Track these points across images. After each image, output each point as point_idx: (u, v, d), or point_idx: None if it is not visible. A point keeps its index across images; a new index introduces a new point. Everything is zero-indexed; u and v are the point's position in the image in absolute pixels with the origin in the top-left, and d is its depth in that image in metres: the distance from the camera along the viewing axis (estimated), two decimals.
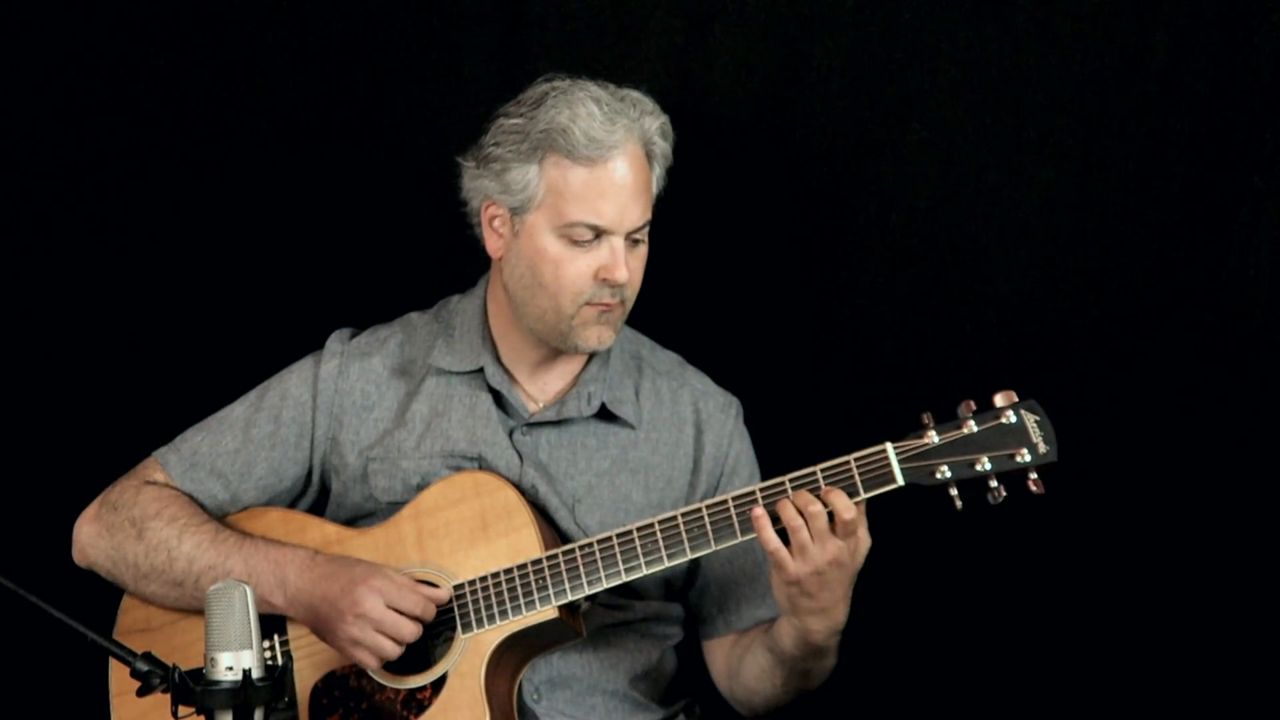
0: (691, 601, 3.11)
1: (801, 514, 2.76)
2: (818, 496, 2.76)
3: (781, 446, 3.02)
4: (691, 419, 3.10)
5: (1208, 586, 3.32)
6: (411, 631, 2.86)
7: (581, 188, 2.90)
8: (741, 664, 3.03)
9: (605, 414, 3.06)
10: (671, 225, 3.05)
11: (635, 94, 2.96)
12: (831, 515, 2.76)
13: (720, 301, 3.49)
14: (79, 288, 3.63)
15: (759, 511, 2.78)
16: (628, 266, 2.93)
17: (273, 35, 3.57)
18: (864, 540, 2.79)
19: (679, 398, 3.11)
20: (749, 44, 3.44)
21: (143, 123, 3.59)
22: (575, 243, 2.92)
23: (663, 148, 2.97)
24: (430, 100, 3.56)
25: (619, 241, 2.92)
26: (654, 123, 2.95)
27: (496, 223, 2.99)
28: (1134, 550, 3.35)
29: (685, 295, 3.38)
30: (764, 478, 2.96)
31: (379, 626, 2.85)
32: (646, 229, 2.98)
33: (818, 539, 2.76)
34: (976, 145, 3.37)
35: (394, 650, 2.86)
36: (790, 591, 2.81)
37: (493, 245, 3.01)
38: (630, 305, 3.00)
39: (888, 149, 3.41)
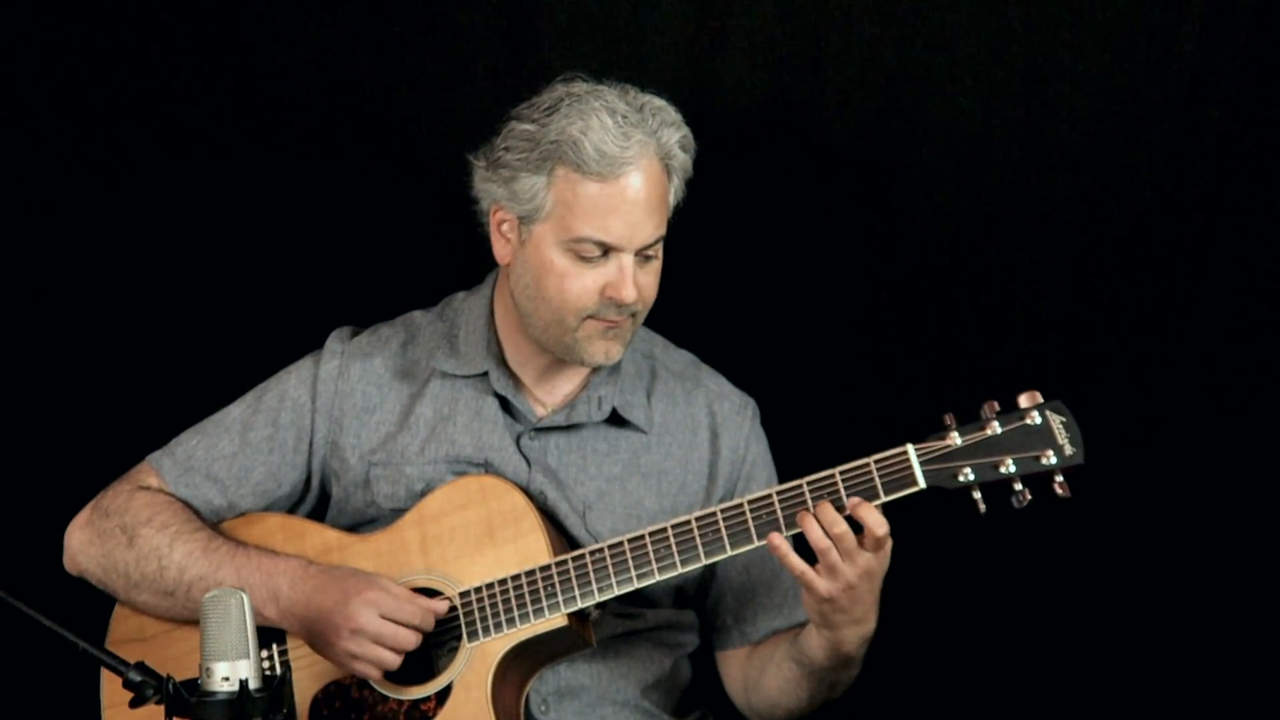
0: (706, 611, 3.07)
1: (828, 534, 2.70)
2: (840, 509, 2.71)
3: (800, 448, 2.99)
4: (706, 422, 3.06)
5: (1237, 592, 3.30)
6: (411, 640, 2.83)
7: (591, 203, 2.84)
8: (763, 676, 2.98)
9: (616, 418, 3.01)
10: (686, 224, 3.00)
11: (657, 102, 2.89)
12: (857, 528, 2.71)
13: (736, 300, 3.47)
14: (72, 285, 3.62)
15: (777, 540, 2.73)
16: (637, 284, 2.87)
17: (273, 28, 3.55)
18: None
19: (693, 400, 3.07)
20: (763, 37, 3.42)
21: (138, 117, 3.57)
22: (582, 258, 2.86)
23: (682, 160, 2.91)
24: (435, 93, 3.54)
25: (628, 259, 2.86)
26: (673, 135, 2.88)
27: (505, 227, 2.94)
28: (1162, 555, 3.34)
29: (700, 295, 3.35)
30: (782, 480, 2.93)
31: (377, 639, 2.82)
32: (660, 244, 2.91)
33: (847, 557, 2.71)
34: (1000, 139, 3.35)
35: (394, 660, 2.83)
36: (824, 609, 2.76)
37: (500, 250, 2.97)
38: (642, 319, 2.96)
39: (907, 145, 3.39)
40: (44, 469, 3.56)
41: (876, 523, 2.69)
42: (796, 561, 2.72)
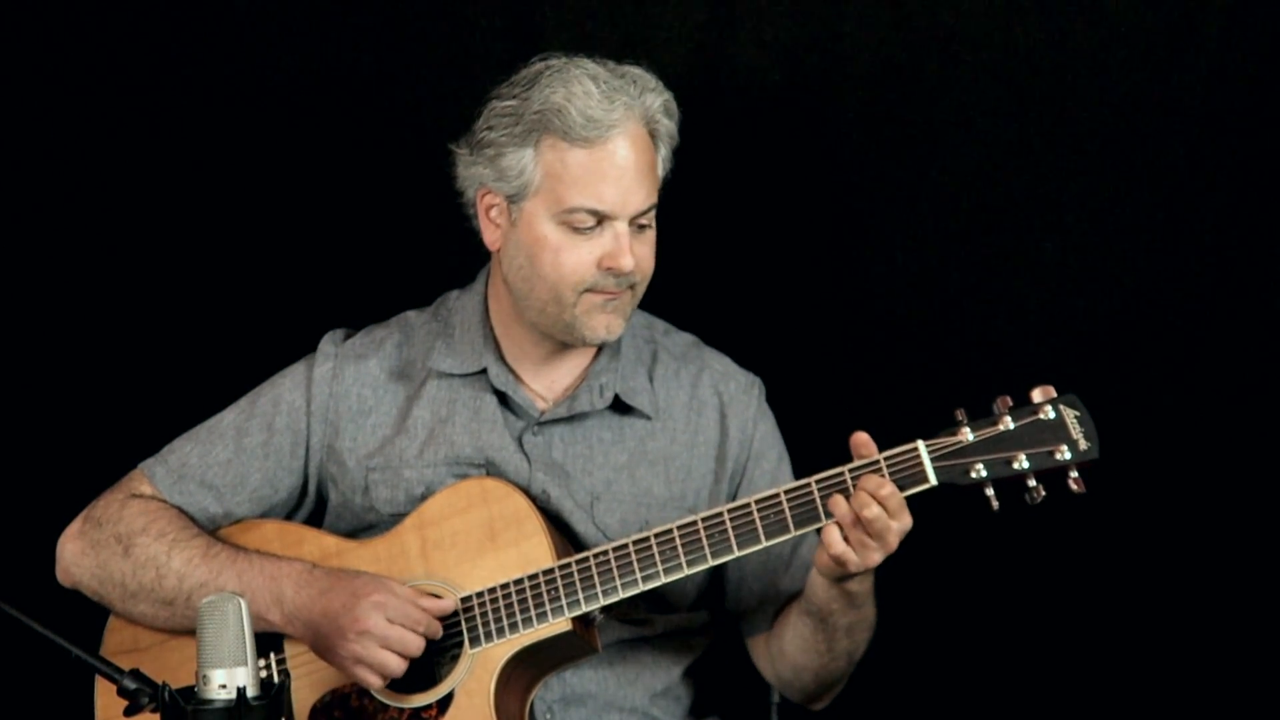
0: (728, 599, 3.04)
1: (876, 501, 2.68)
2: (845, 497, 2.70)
3: (807, 445, 2.98)
4: (714, 403, 3.03)
5: (1254, 589, 3.28)
6: (417, 645, 2.80)
7: (580, 171, 2.83)
8: (783, 643, 2.96)
9: (620, 405, 2.99)
10: (693, 209, 3.00)
11: (636, 70, 2.89)
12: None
13: (743, 290, 3.45)
14: (61, 287, 3.60)
15: (836, 543, 2.69)
16: (634, 253, 2.86)
17: (271, 25, 3.54)
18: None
19: (699, 382, 3.04)
20: (774, 18, 3.40)
21: (121, 107, 3.56)
22: (576, 230, 2.85)
23: (667, 126, 2.90)
24: (432, 85, 3.52)
25: (623, 227, 2.85)
26: (656, 100, 2.88)
27: (493, 212, 2.93)
28: (1179, 551, 3.32)
29: (706, 282, 3.36)
30: (790, 472, 2.93)
31: (384, 643, 2.79)
32: (653, 213, 2.91)
33: (896, 514, 2.68)
34: (1016, 125, 3.33)
35: (399, 666, 2.80)
36: (849, 572, 2.73)
37: (490, 236, 2.95)
38: (641, 293, 2.93)
39: (921, 129, 3.37)
40: (36, 475, 3.54)
41: (863, 502, 2.66)
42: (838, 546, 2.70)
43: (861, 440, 2.72)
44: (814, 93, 3.40)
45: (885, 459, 2.71)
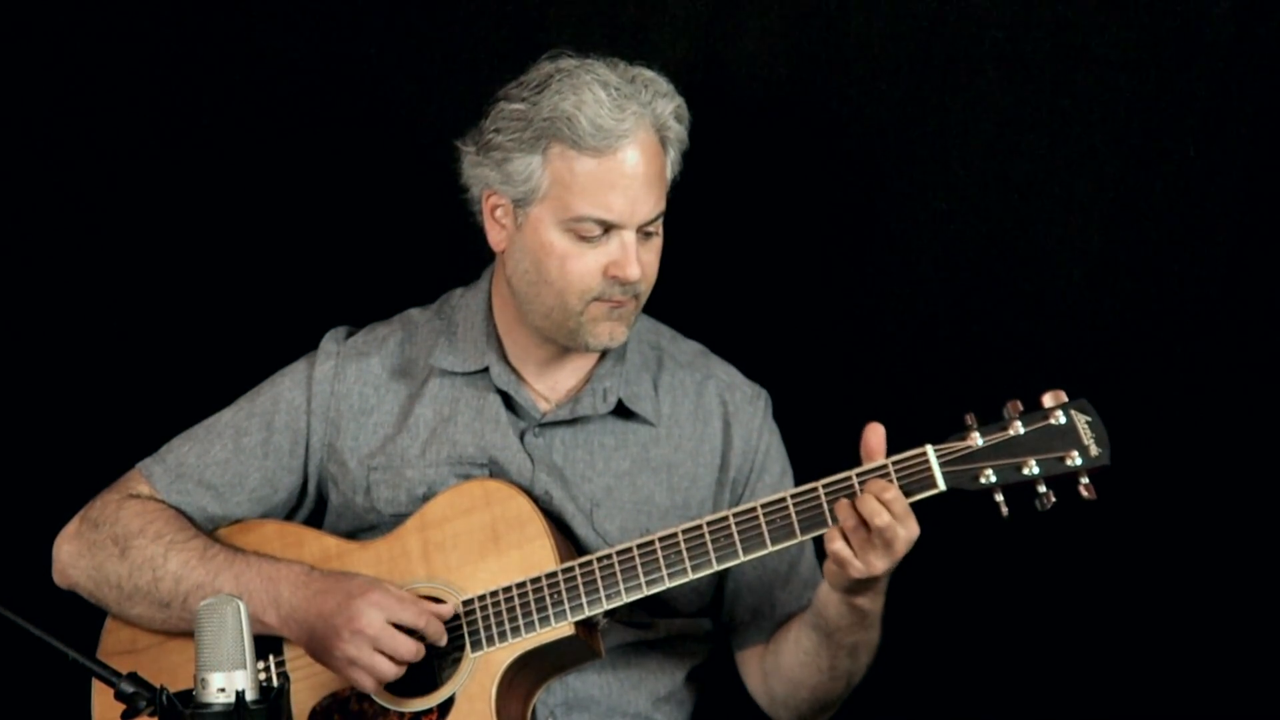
0: (721, 610, 3.02)
1: (884, 506, 2.66)
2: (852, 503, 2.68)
3: (814, 448, 2.95)
4: (719, 412, 3.01)
5: (1268, 596, 3.27)
6: (411, 650, 2.78)
7: (589, 180, 2.81)
8: (780, 658, 2.94)
9: (623, 411, 2.97)
10: (696, 211, 2.98)
11: (648, 74, 2.87)
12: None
13: (748, 293, 3.45)
14: (61, 286, 3.60)
15: (835, 538, 2.67)
16: (640, 261, 2.84)
17: (270, 22, 3.53)
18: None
19: (704, 390, 3.02)
20: (779, 16, 3.39)
21: (121, 107, 3.55)
22: (582, 238, 2.83)
23: (678, 132, 2.88)
24: (434, 80, 3.51)
25: (630, 236, 2.83)
26: (668, 106, 2.85)
27: (499, 213, 2.91)
28: (1191, 559, 3.30)
29: (710, 286, 3.35)
30: (796, 481, 2.91)
31: (376, 644, 2.77)
32: (660, 220, 2.88)
33: (902, 519, 2.65)
34: (1025, 124, 3.32)
35: (391, 671, 2.78)
36: (860, 583, 2.71)
37: (495, 237, 2.93)
38: (645, 299, 2.92)
39: (929, 130, 3.36)
40: (35, 475, 3.54)
41: (877, 510, 2.64)
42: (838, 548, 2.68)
43: (875, 435, 2.69)
44: (819, 91, 3.39)
45: (893, 463, 2.69)
